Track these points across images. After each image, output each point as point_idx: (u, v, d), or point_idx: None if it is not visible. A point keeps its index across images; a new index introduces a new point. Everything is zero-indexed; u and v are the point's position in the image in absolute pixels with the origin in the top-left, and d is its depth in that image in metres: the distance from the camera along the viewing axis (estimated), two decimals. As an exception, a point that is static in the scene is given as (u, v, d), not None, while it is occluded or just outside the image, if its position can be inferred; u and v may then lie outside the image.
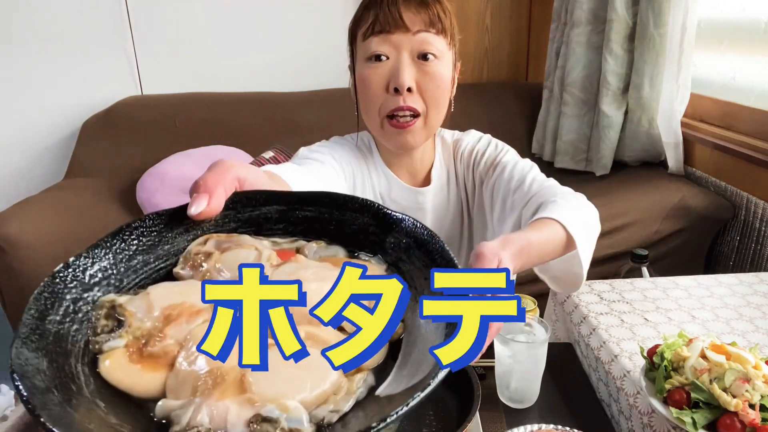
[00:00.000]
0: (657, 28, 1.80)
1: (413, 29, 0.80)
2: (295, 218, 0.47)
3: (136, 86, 2.56)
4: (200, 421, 0.32)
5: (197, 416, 0.32)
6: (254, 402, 0.33)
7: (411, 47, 0.81)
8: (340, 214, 0.46)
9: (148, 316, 0.38)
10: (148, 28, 2.49)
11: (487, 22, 2.60)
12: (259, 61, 2.61)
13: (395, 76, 0.81)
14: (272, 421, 0.32)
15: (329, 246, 0.46)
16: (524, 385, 0.84)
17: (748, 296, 1.04)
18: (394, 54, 0.81)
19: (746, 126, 1.73)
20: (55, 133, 2.57)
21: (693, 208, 1.72)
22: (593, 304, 1.01)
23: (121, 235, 0.43)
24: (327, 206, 0.47)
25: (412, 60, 0.81)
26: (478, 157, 0.95)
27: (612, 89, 2.00)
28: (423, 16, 0.80)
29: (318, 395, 0.34)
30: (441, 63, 0.83)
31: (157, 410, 0.34)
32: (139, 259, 0.43)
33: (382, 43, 0.81)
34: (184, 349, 0.36)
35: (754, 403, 0.64)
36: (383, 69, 0.82)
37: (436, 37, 0.81)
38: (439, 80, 0.83)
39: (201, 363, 0.35)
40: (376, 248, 0.45)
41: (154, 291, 0.40)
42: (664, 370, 0.70)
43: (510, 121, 2.45)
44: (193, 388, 0.34)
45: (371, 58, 0.82)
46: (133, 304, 0.39)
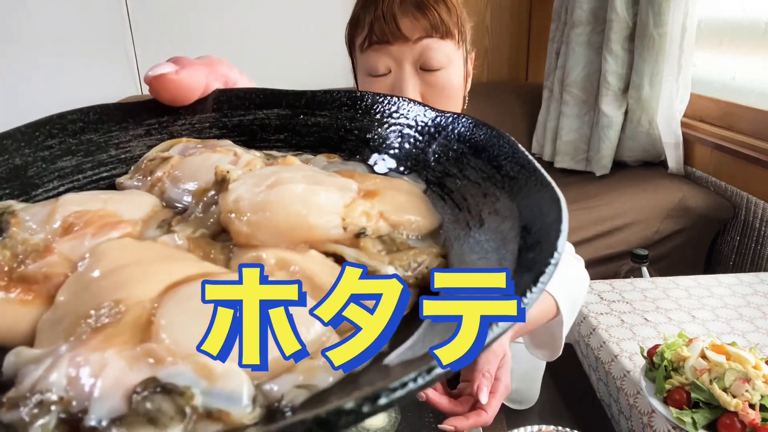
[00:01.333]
0: (657, 28, 1.80)
1: (413, 38, 0.72)
2: (303, 125, 0.36)
3: (136, 86, 2.56)
4: (52, 383, 0.19)
5: (50, 375, 0.19)
6: (156, 357, 0.19)
7: (413, 58, 0.73)
8: (365, 120, 0.35)
9: (43, 226, 0.25)
10: (148, 28, 2.49)
11: (487, 22, 2.60)
12: (260, 61, 2.61)
13: (399, 93, 0.73)
14: (175, 391, 0.18)
15: (346, 162, 0.34)
16: (524, 386, 0.84)
17: (748, 296, 1.04)
18: (395, 67, 0.74)
19: (746, 126, 1.73)
20: (55, 133, 2.57)
21: (693, 208, 1.72)
22: (593, 304, 1.01)
23: (49, 127, 0.31)
24: (348, 109, 0.35)
25: (415, 72, 0.74)
26: None
27: (612, 89, 2.00)
28: (423, 22, 0.72)
29: (277, 356, 0.20)
30: (448, 71, 0.75)
31: (5, 362, 0.21)
32: (69, 161, 0.31)
33: (381, 57, 0.73)
34: (75, 273, 0.23)
35: (754, 403, 0.64)
36: (385, 85, 0.75)
37: (441, 42, 0.73)
38: (447, 91, 0.75)
39: (93, 292, 0.22)
40: (415, 162, 0.33)
41: (68, 197, 0.28)
42: (664, 370, 0.70)
43: (510, 121, 2.44)
44: (70, 330, 0.21)
45: (372, 73, 0.75)
46: (29, 211, 0.27)
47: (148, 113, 0.33)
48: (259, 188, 0.26)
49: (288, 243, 0.25)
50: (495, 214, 0.26)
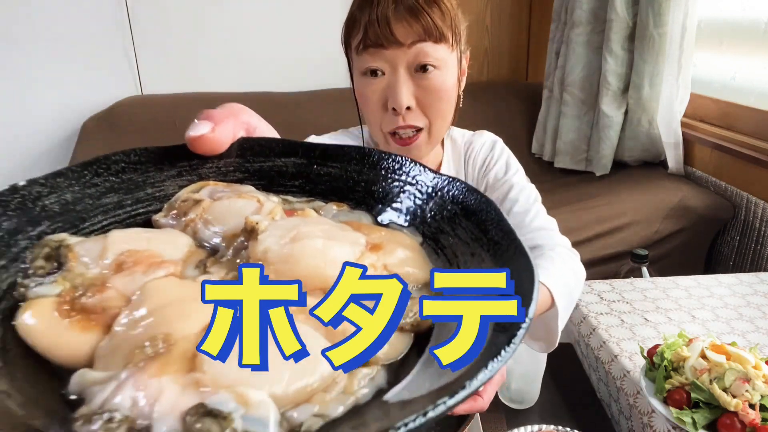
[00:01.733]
0: (657, 28, 1.80)
1: (407, 42, 0.74)
2: (316, 174, 0.39)
3: (136, 86, 2.56)
4: (118, 404, 0.22)
5: (116, 396, 0.23)
6: (202, 385, 0.23)
7: (407, 61, 0.75)
8: (371, 174, 0.38)
9: (97, 261, 0.29)
10: (148, 28, 2.49)
11: (487, 22, 2.60)
12: (259, 61, 2.61)
13: (392, 96, 0.76)
14: (219, 416, 0.22)
15: (353, 210, 0.38)
16: (524, 385, 0.84)
17: (748, 296, 1.04)
18: (390, 70, 0.76)
19: (746, 126, 1.73)
20: (55, 133, 2.57)
21: (693, 208, 1.72)
22: (593, 304, 1.01)
23: (96, 166, 0.35)
24: (356, 163, 0.39)
25: (409, 75, 0.76)
26: (490, 165, 0.93)
27: (612, 89, 2.00)
28: (416, 27, 0.73)
29: (298, 390, 0.25)
30: (442, 72, 0.77)
31: (71, 382, 0.25)
32: (112, 198, 0.35)
33: (376, 59, 0.75)
34: (129, 307, 0.27)
35: (754, 403, 0.64)
36: (380, 85, 0.77)
37: (435, 46, 0.75)
38: (441, 92, 0.77)
39: (146, 325, 0.26)
40: (413, 216, 0.37)
41: (115, 234, 0.32)
42: (664, 370, 0.70)
43: (510, 121, 2.45)
44: (127, 357, 0.24)
45: (366, 72, 0.78)
46: (83, 246, 0.30)
47: (181, 156, 0.38)
48: (284, 240, 0.31)
49: (306, 289, 0.29)
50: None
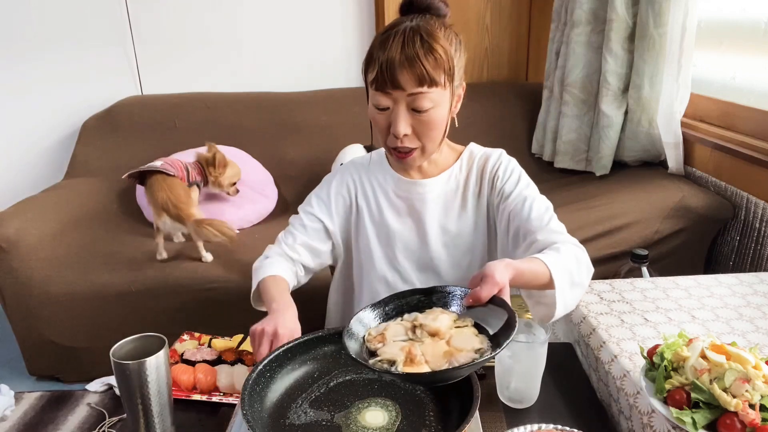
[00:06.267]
0: (657, 28, 1.80)
1: (407, 89, 0.92)
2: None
3: (136, 86, 2.56)
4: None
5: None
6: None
7: (407, 102, 0.94)
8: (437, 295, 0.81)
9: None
10: (148, 28, 2.49)
11: (487, 22, 2.60)
12: (259, 61, 2.61)
13: (394, 126, 0.95)
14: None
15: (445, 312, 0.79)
16: (524, 385, 0.84)
17: (748, 296, 1.04)
18: (393, 106, 0.95)
19: (746, 126, 1.73)
20: (55, 133, 2.57)
21: (693, 208, 1.72)
22: (593, 304, 1.01)
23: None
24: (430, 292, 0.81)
25: (408, 111, 0.95)
26: (504, 177, 1.06)
27: (612, 89, 2.00)
28: (413, 76, 0.91)
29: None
30: (435, 110, 0.95)
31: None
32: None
33: (383, 98, 0.94)
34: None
35: (754, 403, 0.64)
36: (385, 116, 0.97)
37: (429, 90, 0.92)
38: (432, 124, 0.96)
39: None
40: (463, 309, 0.78)
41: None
42: (664, 370, 0.70)
43: (510, 121, 2.44)
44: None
45: (377, 106, 0.96)
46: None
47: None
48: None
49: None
50: (497, 319, 0.72)
